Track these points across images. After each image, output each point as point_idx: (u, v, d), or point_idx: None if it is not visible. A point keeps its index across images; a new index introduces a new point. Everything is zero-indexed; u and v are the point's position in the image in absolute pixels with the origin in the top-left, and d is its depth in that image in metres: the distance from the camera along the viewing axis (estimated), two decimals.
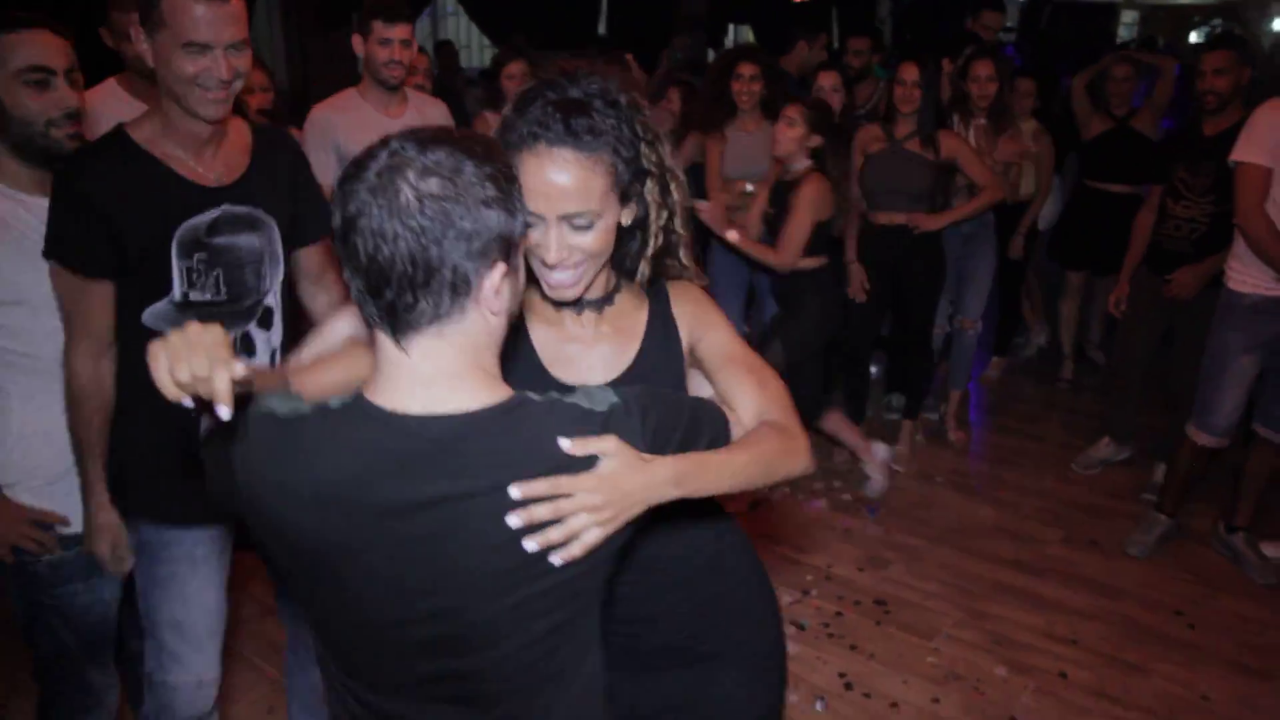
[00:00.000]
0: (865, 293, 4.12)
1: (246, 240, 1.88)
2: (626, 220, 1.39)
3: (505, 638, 1.10)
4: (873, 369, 4.82)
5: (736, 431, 1.29)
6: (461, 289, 1.02)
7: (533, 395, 1.10)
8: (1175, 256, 3.70)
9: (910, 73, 3.90)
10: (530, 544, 1.05)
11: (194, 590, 1.94)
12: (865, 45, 5.23)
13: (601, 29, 9.41)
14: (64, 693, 2.08)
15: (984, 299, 4.37)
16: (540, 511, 1.04)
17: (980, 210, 4.06)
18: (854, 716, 2.77)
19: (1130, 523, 3.74)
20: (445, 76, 7.02)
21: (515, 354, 1.42)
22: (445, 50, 7.99)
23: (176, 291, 1.81)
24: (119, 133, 1.80)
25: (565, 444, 1.05)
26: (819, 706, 2.80)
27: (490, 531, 1.04)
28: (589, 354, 1.46)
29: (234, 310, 1.89)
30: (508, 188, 1.05)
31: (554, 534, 1.05)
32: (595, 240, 1.31)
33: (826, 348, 3.96)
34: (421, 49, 3.73)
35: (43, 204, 1.81)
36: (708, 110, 4.22)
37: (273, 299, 1.97)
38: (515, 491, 1.03)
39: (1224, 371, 3.31)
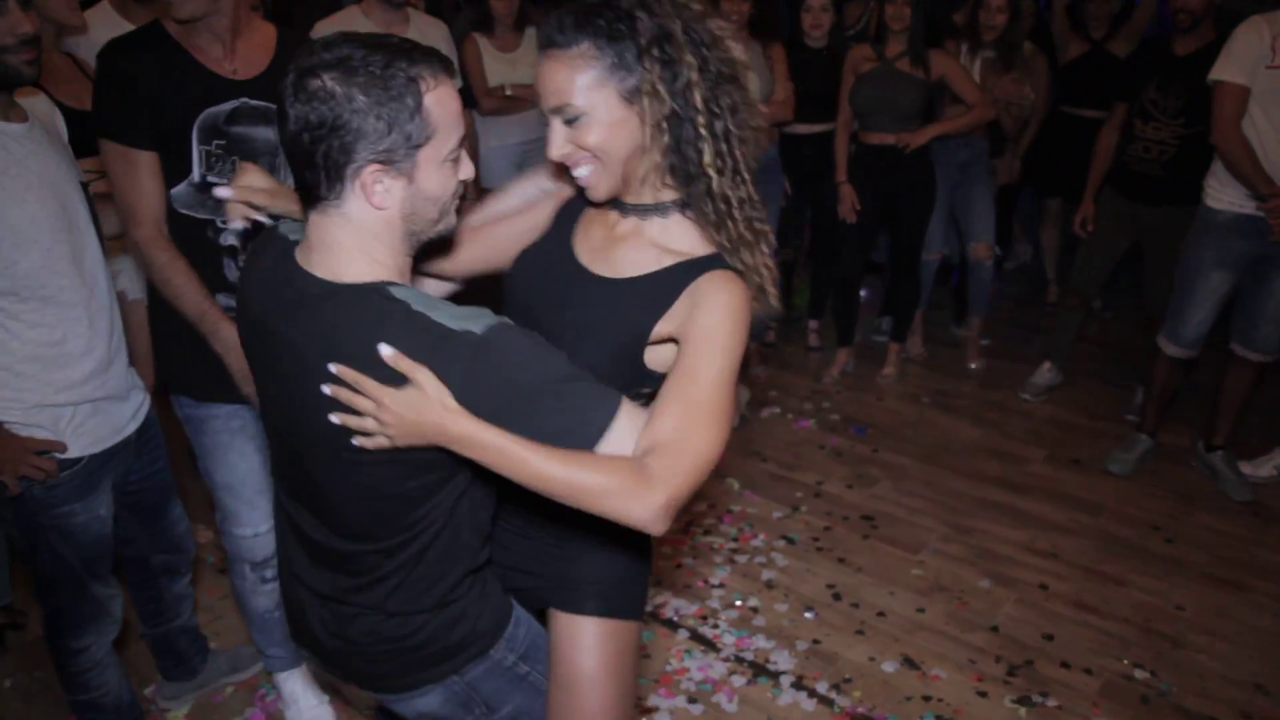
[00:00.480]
0: (856, 214, 4.12)
1: (262, 133, 2.03)
2: (648, 120, 1.31)
3: (331, 483, 1.30)
4: (862, 292, 4.84)
5: (621, 443, 1.20)
6: (334, 177, 1.20)
7: (399, 292, 1.22)
8: (1144, 179, 3.66)
9: None
10: (334, 416, 1.21)
11: (235, 457, 2.20)
12: None
13: None
14: (71, 607, 2.13)
15: (992, 223, 4.32)
16: (343, 394, 1.19)
17: (968, 126, 3.99)
18: (842, 625, 2.86)
19: (1113, 443, 3.82)
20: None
21: (555, 230, 1.53)
22: None
23: (196, 174, 1.94)
24: (155, 24, 1.99)
25: (385, 351, 1.16)
26: (808, 615, 2.89)
27: (315, 388, 1.22)
28: (614, 250, 1.43)
29: None
30: (389, 102, 1.17)
31: (351, 421, 1.20)
32: (591, 136, 1.32)
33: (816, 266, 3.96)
34: None
35: (8, 127, 1.86)
36: None
37: None
38: (332, 368, 1.19)
39: (1195, 285, 3.36)
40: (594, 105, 1.30)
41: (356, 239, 1.24)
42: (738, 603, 2.95)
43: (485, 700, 1.49)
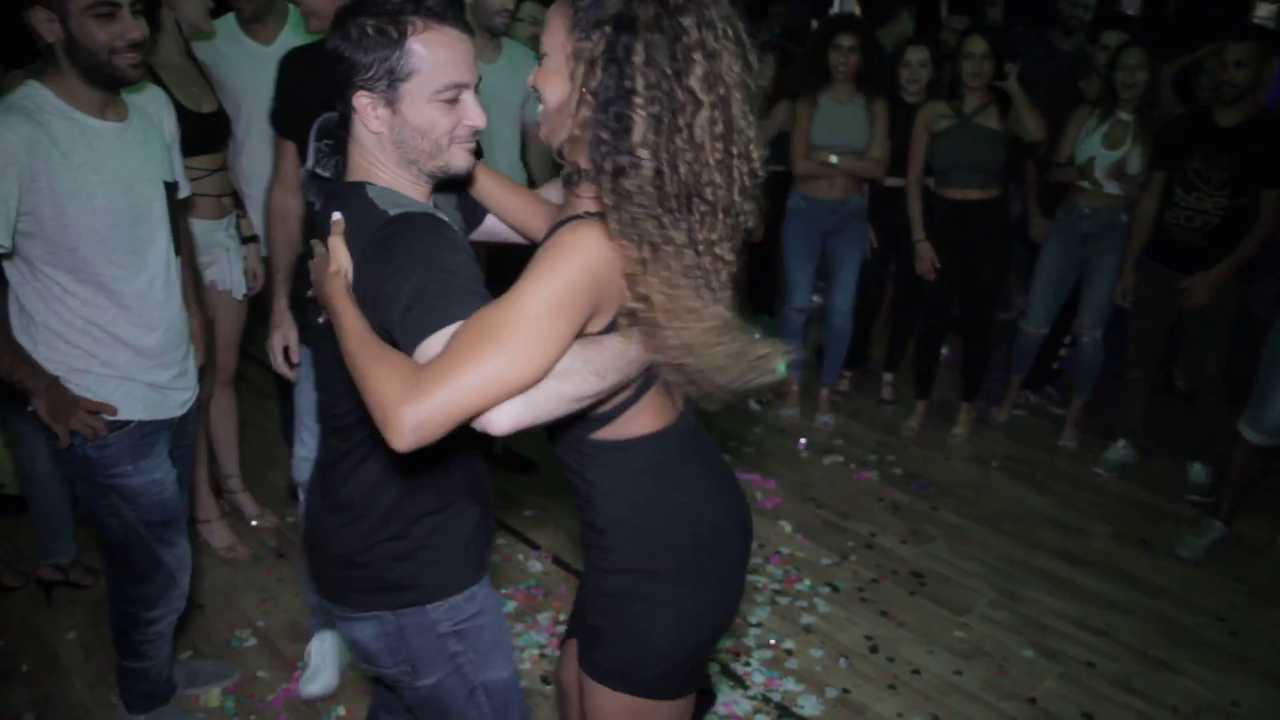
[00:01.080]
0: (935, 271, 4.11)
1: None
2: (576, 85, 1.30)
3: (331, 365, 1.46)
4: (944, 350, 4.78)
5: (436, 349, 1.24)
6: (344, 102, 1.45)
7: (373, 190, 1.45)
8: (1186, 248, 3.65)
9: (979, 46, 3.85)
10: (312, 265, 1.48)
11: (307, 389, 2.47)
12: (961, 24, 5.12)
13: None
14: (145, 576, 2.25)
15: (1104, 302, 4.08)
16: (319, 247, 1.45)
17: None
18: (875, 678, 2.83)
19: (1186, 526, 3.69)
20: None
21: None
22: None
23: (310, 163, 2.12)
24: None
25: (334, 217, 1.42)
26: (842, 663, 2.87)
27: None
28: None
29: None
30: (377, 38, 1.39)
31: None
32: (538, 75, 1.40)
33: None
34: None
35: (100, 125, 2.01)
36: (803, 77, 4.21)
37: None
38: (335, 216, 1.43)
39: (1277, 369, 3.26)
40: (550, 50, 1.38)
41: (364, 157, 1.48)
42: (772, 643, 2.94)
43: (411, 656, 1.57)
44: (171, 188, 2.20)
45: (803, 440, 4.31)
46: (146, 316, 2.13)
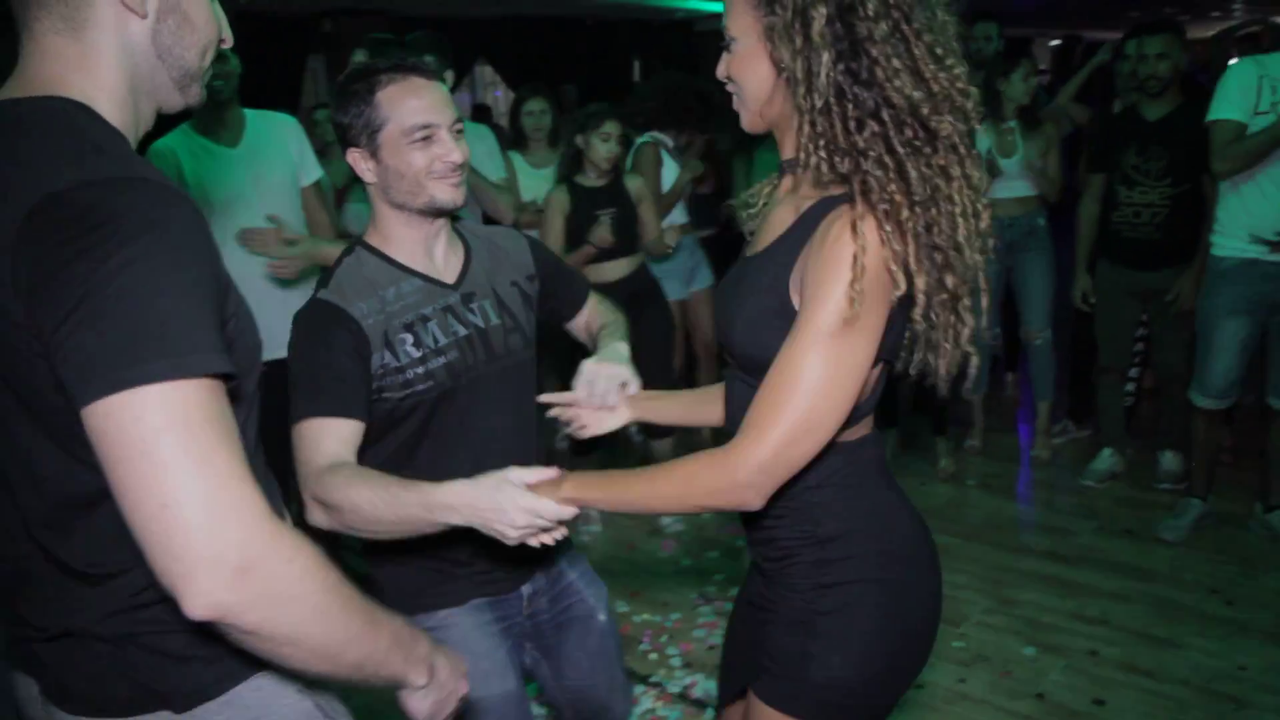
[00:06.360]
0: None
1: None
2: (778, 64, 1.20)
3: None
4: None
5: None
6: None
7: (352, 255, 1.68)
8: (1143, 245, 3.67)
9: None
10: None
11: None
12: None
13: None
14: None
15: (1046, 304, 4.20)
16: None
17: None
18: None
19: (1165, 511, 3.69)
20: None
21: None
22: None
23: None
24: None
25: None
26: None
27: None
28: (763, 224, 1.35)
29: None
30: (352, 100, 1.56)
31: None
32: (731, 65, 1.28)
33: None
34: None
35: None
36: (737, 135, 4.32)
37: None
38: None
39: (1211, 334, 3.33)
40: (739, 33, 1.25)
41: (372, 204, 1.66)
42: None
43: None
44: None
45: None
46: None
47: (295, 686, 1.10)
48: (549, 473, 1.33)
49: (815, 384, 1.14)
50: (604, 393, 1.60)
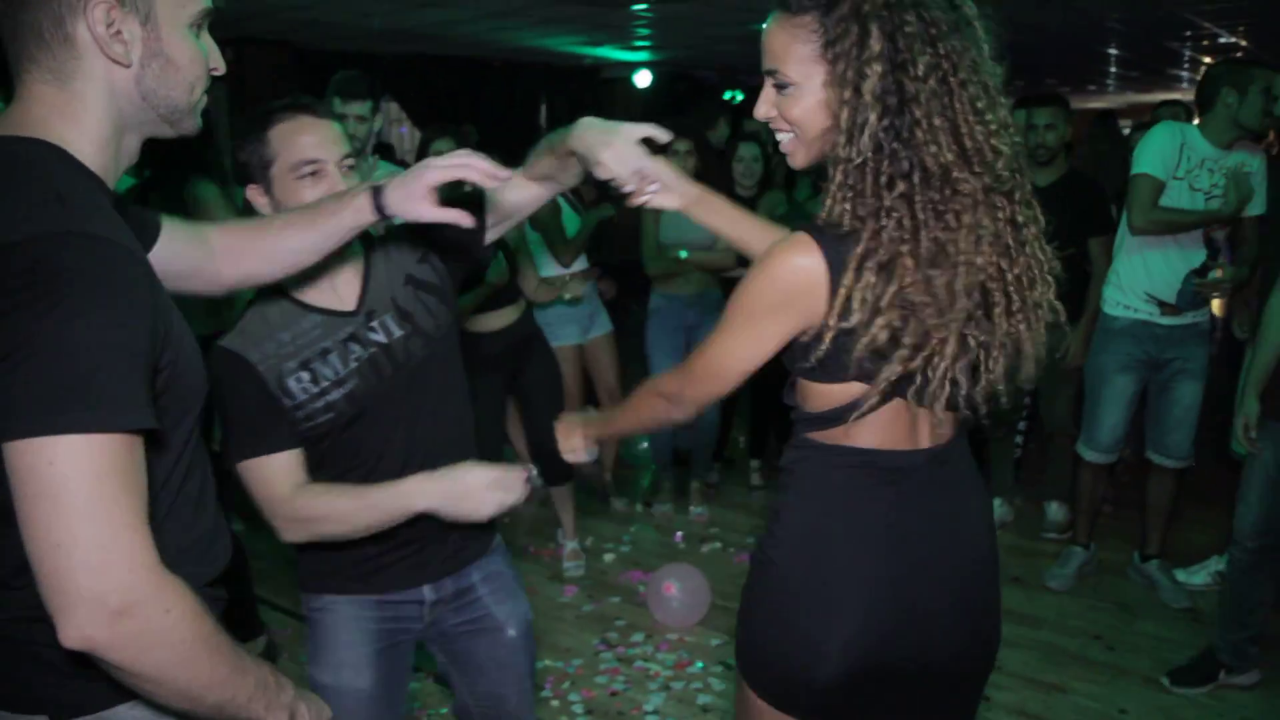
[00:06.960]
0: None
1: None
2: (840, 110, 1.22)
3: None
4: None
5: None
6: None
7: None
8: None
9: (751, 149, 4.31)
10: None
11: None
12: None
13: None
14: None
15: None
16: None
17: None
18: None
19: (1052, 559, 3.82)
20: None
21: None
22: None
23: None
24: None
25: None
26: None
27: None
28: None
29: None
30: (243, 144, 1.59)
31: None
32: (795, 109, 1.30)
33: None
34: None
35: None
36: None
37: None
38: None
39: (1100, 391, 3.49)
40: (804, 79, 1.27)
41: None
42: None
43: None
44: None
45: (679, 533, 4.30)
46: None
47: (172, 715, 1.12)
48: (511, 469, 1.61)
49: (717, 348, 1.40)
50: (630, 158, 1.52)
